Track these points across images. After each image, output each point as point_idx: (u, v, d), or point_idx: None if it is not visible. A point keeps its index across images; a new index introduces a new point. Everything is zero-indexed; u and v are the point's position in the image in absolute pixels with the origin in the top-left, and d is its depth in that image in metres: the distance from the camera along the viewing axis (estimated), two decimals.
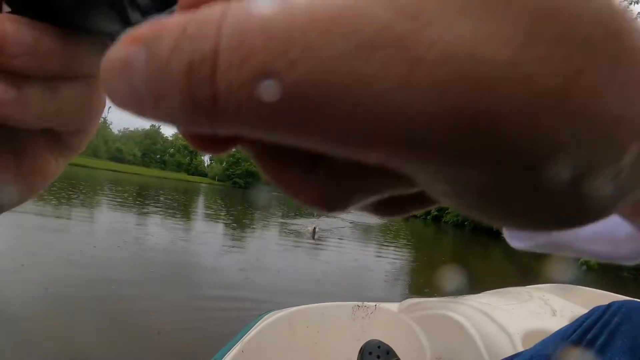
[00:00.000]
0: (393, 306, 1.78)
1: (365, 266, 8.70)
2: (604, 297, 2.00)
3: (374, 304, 1.76)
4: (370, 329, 1.68)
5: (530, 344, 1.10)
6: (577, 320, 0.93)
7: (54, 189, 14.43)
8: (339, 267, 8.21)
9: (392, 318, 1.72)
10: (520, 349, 1.18)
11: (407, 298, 1.83)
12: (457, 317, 1.45)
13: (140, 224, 10.41)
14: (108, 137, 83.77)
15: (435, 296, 1.84)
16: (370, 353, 1.28)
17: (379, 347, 1.31)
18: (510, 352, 1.17)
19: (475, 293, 1.84)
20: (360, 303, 1.75)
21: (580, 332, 0.88)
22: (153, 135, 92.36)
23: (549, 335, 0.98)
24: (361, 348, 1.31)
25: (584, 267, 11.26)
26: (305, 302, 1.72)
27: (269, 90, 0.11)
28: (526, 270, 11.56)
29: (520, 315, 1.41)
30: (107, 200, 15.85)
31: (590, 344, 0.84)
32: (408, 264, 10.39)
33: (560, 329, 0.94)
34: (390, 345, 1.42)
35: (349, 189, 0.17)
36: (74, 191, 16.19)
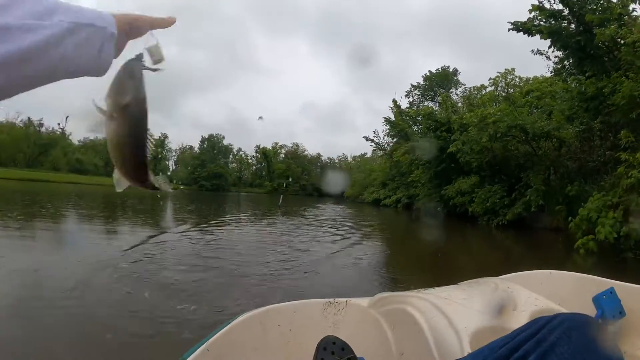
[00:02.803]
0: (363, 301, 1.85)
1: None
2: (584, 282, 2.00)
3: (345, 299, 1.83)
4: (341, 325, 1.75)
5: (479, 343, 1.14)
6: (514, 331, 0.90)
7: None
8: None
9: (362, 313, 1.79)
10: (466, 347, 1.22)
11: (378, 292, 1.88)
12: (413, 311, 1.50)
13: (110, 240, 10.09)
14: (67, 149, 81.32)
15: (410, 289, 1.90)
16: (324, 349, 1.34)
17: (334, 343, 1.36)
18: (456, 350, 1.22)
19: (451, 283, 1.88)
20: (331, 299, 1.82)
21: (510, 346, 0.84)
22: None
23: (499, 333, 0.99)
24: (317, 344, 1.37)
25: (582, 251, 10.64)
26: None
27: None
28: (508, 257, 11.43)
29: (476, 310, 1.44)
30: (70, 216, 15.44)
31: None
32: (381, 256, 10.41)
33: (494, 341, 0.91)
34: (358, 340, 1.48)
35: None
36: (35, 208, 16.18)
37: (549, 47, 16.46)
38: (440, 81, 55.13)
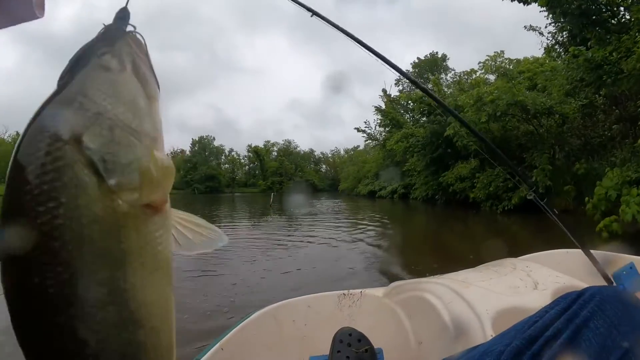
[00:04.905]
0: (378, 291, 1.87)
1: None
2: (602, 259, 2.03)
3: (359, 291, 1.85)
4: (357, 316, 1.77)
5: (502, 325, 1.14)
6: (541, 310, 0.87)
7: None
8: None
9: (378, 303, 1.81)
10: (489, 330, 1.23)
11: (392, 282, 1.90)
12: (430, 298, 1.52)
13: None
14: None
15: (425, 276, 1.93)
16: (341, 341, 1.36)
17: (350, 334, 1.37)
18: (479, 334, 1.24)
19: (460, 269, 1.89)
20: (346, 291, 1.84)
21: (539, 325, 0.80)
22: None
23: (522, 313, 0.96)
24: (333, 337, 1.39)
25: (605, 234, 9.77)
26: None
27: None
28: (519, 242, 11.19)
29: (495, 292, 1.45)
30: None
31: (548, 343, 0.76)
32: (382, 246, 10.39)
33: (520, 322, 0.88)
34: (375, 331, 1.48)
35: None
36: None
37: (549, 14, 16.08)
38: (430, 67, 55.47)
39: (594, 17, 14.26)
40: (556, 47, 19.68)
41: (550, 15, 15.81)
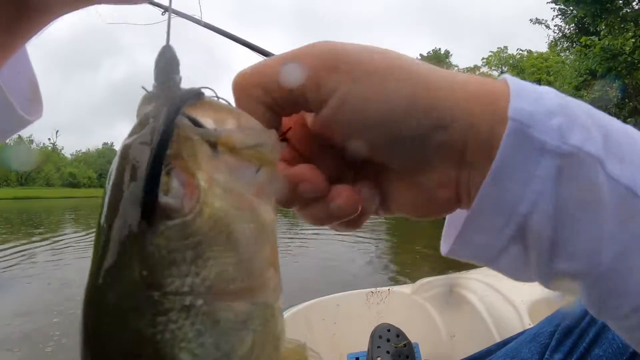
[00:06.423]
0: (406, 288, 1.90)
1: None
2: None
3: (387, 288, 1.87)
4: (385, 313, 1.78)
5: (537, 314, 1.20)
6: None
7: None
8: None
9: (406, 300, 1.83)
10: (526, 320, 1.26)
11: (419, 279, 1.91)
12: (464, 292, 1.55)
13: None
14: (60, 163, 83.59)
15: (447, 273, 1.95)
16: (380, 337, 1.38)
17: (388, 330, 1.40)
18: (517, 324, 1.27)
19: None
20: (373, 289, 1.86)
21: (584, 307, 0.87)
22: (107, 153, 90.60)
23: (557, 303, 0.97)
24: (372, 333, 1.41)
25: None
26: None
27: None
28: None
29: (527, 284, 1.50)
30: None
31: (593, 320, 0.80)
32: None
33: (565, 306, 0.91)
34: (406, 326, 1.50)
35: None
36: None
37: (558, 3, 15.88)
38: (433, 64, 55.59)
39: (607, 5, 14.17)
40: (562, 40, 19.50)
41: (557, 7, 15.65)
